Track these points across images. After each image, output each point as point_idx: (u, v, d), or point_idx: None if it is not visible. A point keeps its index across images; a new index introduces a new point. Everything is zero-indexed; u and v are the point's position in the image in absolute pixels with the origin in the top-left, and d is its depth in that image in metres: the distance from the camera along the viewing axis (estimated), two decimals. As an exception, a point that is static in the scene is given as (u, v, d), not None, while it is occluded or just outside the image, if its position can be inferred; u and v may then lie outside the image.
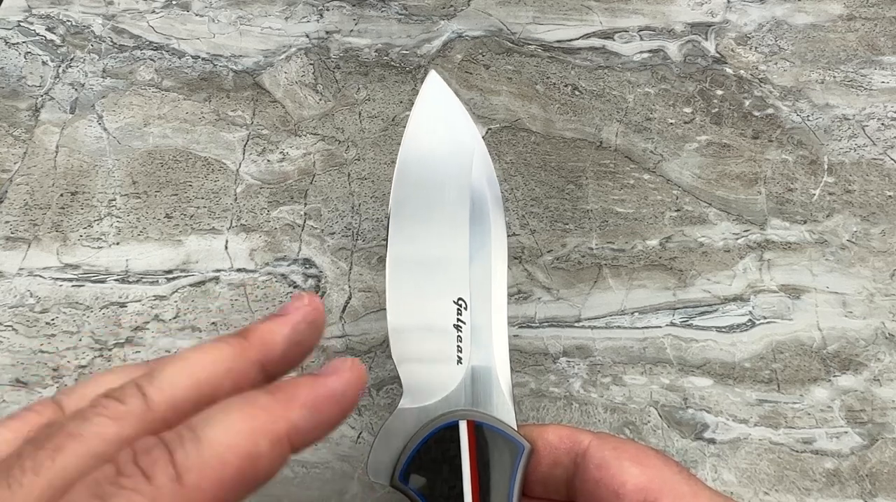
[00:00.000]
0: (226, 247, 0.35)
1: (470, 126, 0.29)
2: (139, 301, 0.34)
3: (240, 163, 0.37)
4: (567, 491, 0.25)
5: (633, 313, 0.34)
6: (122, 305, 0.34)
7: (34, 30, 0.41)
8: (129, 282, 0.34)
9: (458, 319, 0.27)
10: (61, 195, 0.36)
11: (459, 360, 0.26)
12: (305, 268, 0.35)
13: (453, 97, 0.30)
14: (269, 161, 0.37)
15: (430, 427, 0.25)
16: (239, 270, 0.35)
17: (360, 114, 0.39)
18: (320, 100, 0.39)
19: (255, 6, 0.42)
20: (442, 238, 0.28)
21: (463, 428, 0.24)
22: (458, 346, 0.26)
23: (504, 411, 0.26)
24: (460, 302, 0.27)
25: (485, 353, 0.27)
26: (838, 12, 0.43)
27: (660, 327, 0.34)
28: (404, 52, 0.41)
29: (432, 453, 0.24)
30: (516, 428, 0.25)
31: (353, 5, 0.42)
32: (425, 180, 0.28)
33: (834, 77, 0.40)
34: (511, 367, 0.27)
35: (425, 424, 0.25)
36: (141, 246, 0.35)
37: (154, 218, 0.36)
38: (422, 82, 0.40)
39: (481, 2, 0.42)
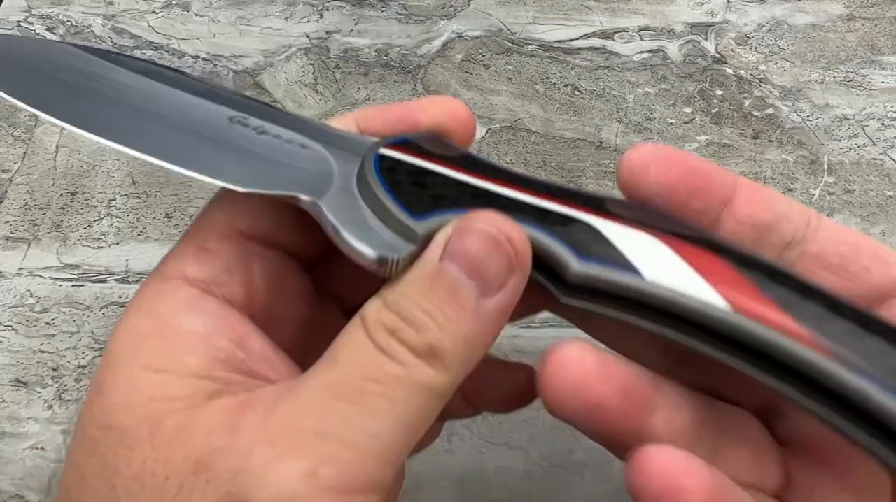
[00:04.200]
0: (226, 247, 0.35)
1: None
2: (139, 301, 0.34)
3: (240, 163, 0.37)
4: None
5: (633, 313, 0.34)
6: (123, 305, 0.34)
7: (34, 30, 0.41)
8: (130, 282, 0.34)
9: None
10: (61, 195, 0.36)
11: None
12: (305, 268, 0.35)
13: None
14: (269, 161, 0.37)
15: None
16: (239, 270, 0.35)
17: (360, 114, 0.39)
18: (320, 100, 0.39)
19: (255, 6, 0.42)
20: None
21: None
22: None
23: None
24: None
25: None
26: (838, 12, 0.43)
27: (660, 327, 0.34)
28: (404, 52, 0.41)
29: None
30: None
31: (353, 5, 0.42)
32: None
33: (834, 77, 0.40)
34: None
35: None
36: (141, 246, 0.35)
37: (154, 218, 0.36)
38: (422, 82, 0.40)
39: (481, 2, 0.42)
